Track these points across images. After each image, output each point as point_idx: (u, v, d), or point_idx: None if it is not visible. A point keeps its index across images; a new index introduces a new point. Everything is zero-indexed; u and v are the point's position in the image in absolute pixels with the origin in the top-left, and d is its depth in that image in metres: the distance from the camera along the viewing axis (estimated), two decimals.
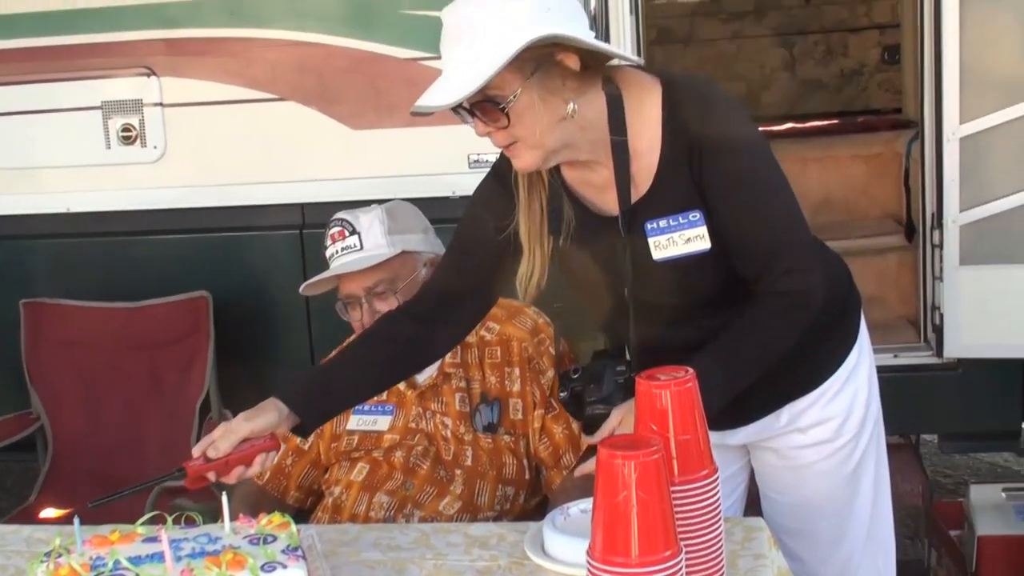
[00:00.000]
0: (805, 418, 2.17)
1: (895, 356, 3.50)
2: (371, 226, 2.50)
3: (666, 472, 1.46)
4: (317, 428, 2.19)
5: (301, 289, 2.60)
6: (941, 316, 3.37)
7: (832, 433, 2.18)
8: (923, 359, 3.48)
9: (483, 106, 1.83)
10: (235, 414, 2.00)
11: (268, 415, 2.00)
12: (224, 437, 1.96)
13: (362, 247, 2.48)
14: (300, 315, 3.58)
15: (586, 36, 1.83)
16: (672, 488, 1.56)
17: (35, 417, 3.67)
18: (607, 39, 3.33)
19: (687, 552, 1.56)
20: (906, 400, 3.47)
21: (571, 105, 1.86)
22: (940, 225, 3.32)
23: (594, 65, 1.88)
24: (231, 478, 1.97)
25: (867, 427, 2.22)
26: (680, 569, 1.46)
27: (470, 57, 1.78)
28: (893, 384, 3.39)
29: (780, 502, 2.28)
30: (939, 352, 3.42)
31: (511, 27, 1.76)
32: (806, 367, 2.13)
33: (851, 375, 2.19)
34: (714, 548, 1.61)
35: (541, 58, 1.81)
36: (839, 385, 2.17)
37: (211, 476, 1.96)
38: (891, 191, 4.03)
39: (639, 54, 3.49)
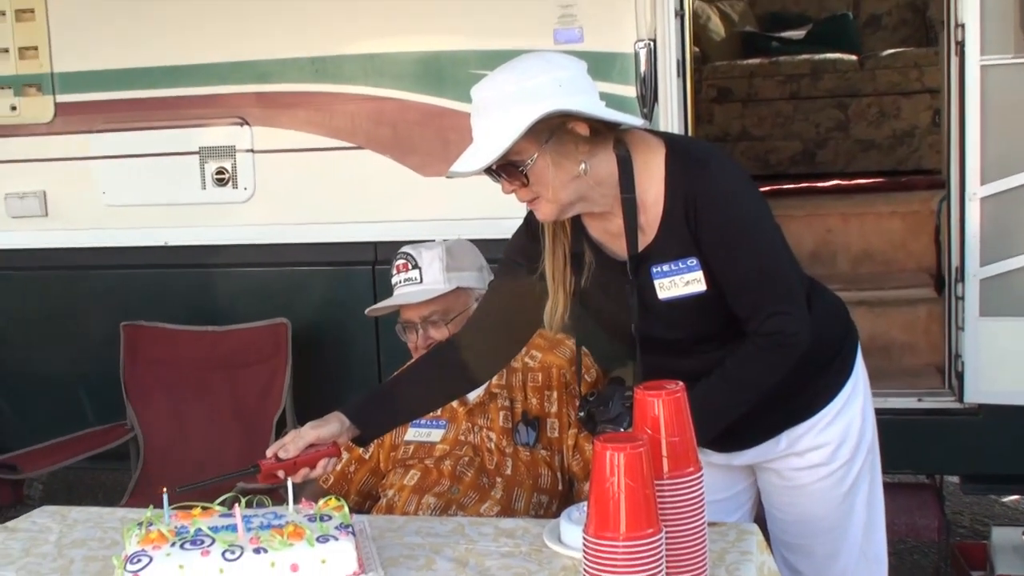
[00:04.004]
0: (802, 443, 2.40)
1: (919, 400, 3.67)
2: (432, 262, 2.80)
3: (650, 464, 1.75)
4: (374, 440, 2.50)
5: (367, 311, 2.93)
6: (963, 363, 3.57)
7: (827, 457, 2.40)
8: (946, 404, 3.65)
9: (506, 169, 2.10)
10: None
11: (332, 425, 2.30)
12: (293, 441, 2.26)
13: (422, 280, 2.79)
14: (370, 342, 3.84)
15: (593, 107, 2.10)
16: (662, 482, 1.84)
17: (129, 428, 3.98)
18: (655, 100, 3.61)
19: (674, 537, 1.84)
20: (930, 442, 3.67)
21: (583, 165, 2.12)
22: (963, 278, 3.54)
23: (604, 130, 2.14)
24: (297, 477, 2.26)
25: (860, 454, 2.43)
26: (660, 546, 1.75)
27: (493, 129, 2.06)
28: (917, 427, 3.64)
29: (781, 519, 2.51)
30: (960, 398, 3.60)
31: (527, 102, 2.03)
32: (802, 397, 2.36)
33: (845, 406, 2.40)
34: (697, 535, 1.88)
35: (554, 127, 2.08)
36: (833, 415, 2.39)
37: (280, 474, 2.25)
38: (925, 246, 4.23)
39: (687, 113, 3.75)
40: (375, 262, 3.85)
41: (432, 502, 2.68)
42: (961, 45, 3.45)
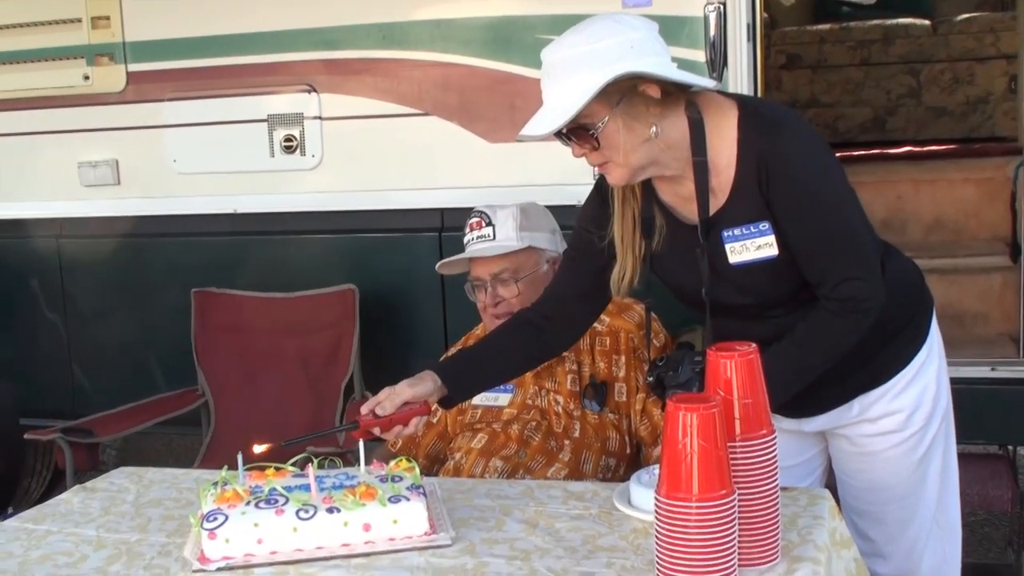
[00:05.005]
0: (874, 409, 2.37)
1: (992, 369, 3.60)
2: (505, 220, 2.81)
3: (723, 425, 1.73)
4: (460, 403, 2.50)
5: (437, 267, 2.93)
6: None
7: (900, 424, 2.37)
8: (1019, 373, 3.58)
9: (577, 132, 2.09)
10: (375, 395, 2.32)
11: (426, 384, 2.30)
12: (389, 399, 2.26)
13: (494, 237, 2.80)
14: (436, 309, 3.85)
15: (665, 69, 2.07)
16: (735, 444, 1.83)
17: (200, 393, 4.04)
18: (724, 64, 3.57)
19: (746, 499, 1.83)
20: (1003, 412, 3.61)
21: (654, 128, 2.10)
22: None
23: (675, 92, 2.11)
24: (391, 435, 2.29)
25: (934, 421, 2.40)
26: (733, 508, 1.74)
27: (564, 92, 2.04)
28: (990, 396, 3.58)
29: (852, 485, 2.48)
30: None
31: (597, 65, 2.01)
32: (876, 363, 2.33)
33: (919, 372, 2.37)
34: (770, 498, 1.86)
35: (625, 90, 2.06)
36: (907, 381, 2.36)
37: (375, 431, 2.27)
38: (1000, 214, 4.14)
39: (757, 79, 3.69)
40: (441, 228, 3.86)
41: (499, 465, 2.70)
42: None
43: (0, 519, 2.44)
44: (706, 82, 2.20)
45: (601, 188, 2.33)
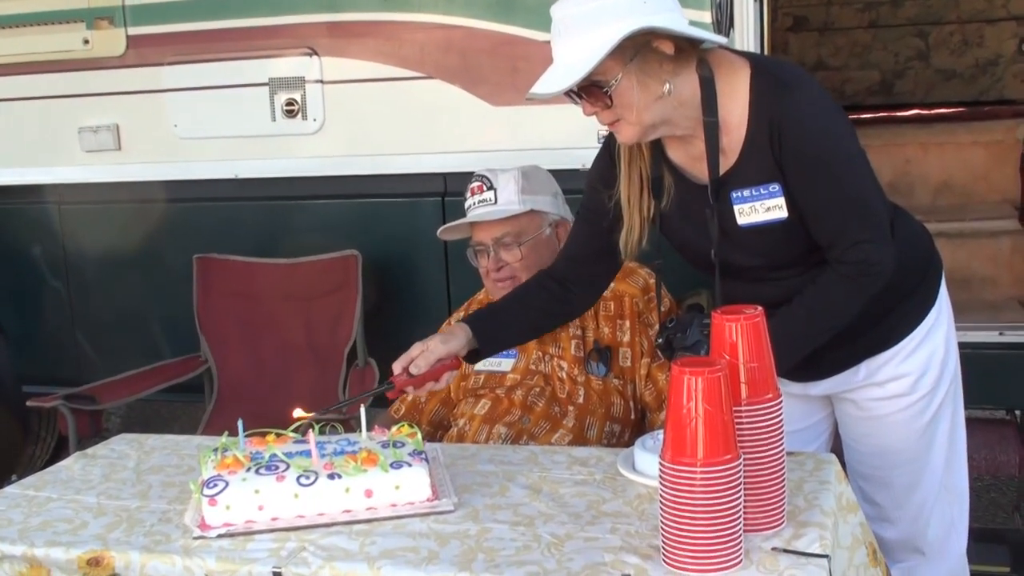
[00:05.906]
0: (882, 373, 2.35)
1: (1000, 334, 3.58)
2: (507, 184, 2.78)
3: (728, 389, 1.71)
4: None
5: (439, 232, 2.90)
6: None
7: (907, 388, 2.35)
8: None
9: (589, 90, 2.05)
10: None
11: (459, 339, 2.29)
12: (423, 357, 2.24)
13: (496, 201, 2.77)
14: (439, 274, 3.81)
15: (678, 24, 2.03)
16: (741, 408, 1.81)
17: (203, 360, 4.01)
18: (731, 25, 3.51)
19: (752, 464, 1.81)
20: (1010, 377, 3.59)
21: (667, 85, 2.06)
22: None
23: (688, 48, 2.07)
24: (423, 391, 2.29)
25: (943, 385, 2.38)
26: (739, 473, 1.71)
27: (576, 49, 1.99)
28: (998, 361, 3.56)
29: (858, 450, 2.47)
30: None
31: (610, 20, 1.97)
32: (884, 326, 2.30)
33: (927, 335, 2.34)
34: (776, 463, 1.85)
35: (638, 46, 2.01)
36: (915, 344, 2.33)
37: (408, 389, 2.27)
38: (1009, 177, 4.11)
39: (763, 40, 3.64)
40: (444, 193, 3.81)
41: (503, 432, 2.68)
42: None
43: (4, 485, 2.43)
44: (718, 38, 2.15)
45: (610, 145, 2.30)
